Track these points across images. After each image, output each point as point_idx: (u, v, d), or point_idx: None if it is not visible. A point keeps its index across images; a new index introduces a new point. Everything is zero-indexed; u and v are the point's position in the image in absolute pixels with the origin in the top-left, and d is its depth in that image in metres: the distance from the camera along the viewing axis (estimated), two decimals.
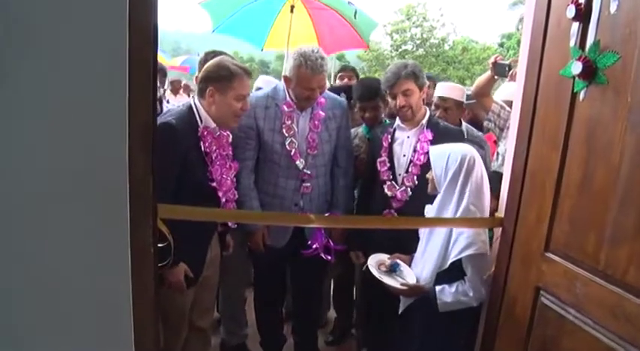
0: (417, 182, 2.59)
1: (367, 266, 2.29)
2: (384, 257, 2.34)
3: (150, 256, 1.43)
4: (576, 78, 1.56)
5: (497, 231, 2.00)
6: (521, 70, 1.90)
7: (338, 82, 4.03)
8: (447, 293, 2.02)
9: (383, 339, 2.89)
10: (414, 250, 2.34)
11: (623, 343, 1.40)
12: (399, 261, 2.30)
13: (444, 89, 3.24)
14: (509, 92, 3.26)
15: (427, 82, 2.78)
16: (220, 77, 2.26)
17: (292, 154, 2.62)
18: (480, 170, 2.04)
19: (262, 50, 4.96)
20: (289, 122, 2.62)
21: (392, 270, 2.27)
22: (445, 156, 2.08)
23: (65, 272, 1.32)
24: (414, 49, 26.34)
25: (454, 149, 2.10)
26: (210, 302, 2.68)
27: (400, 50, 26.11)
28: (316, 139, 2.67)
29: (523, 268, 1.81)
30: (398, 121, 2.74)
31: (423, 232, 2.24)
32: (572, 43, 1.59)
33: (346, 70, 4.13)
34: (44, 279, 1.30)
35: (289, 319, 3.22)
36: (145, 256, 1.41)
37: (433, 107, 3.22)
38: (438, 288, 2.05)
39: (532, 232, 1.76)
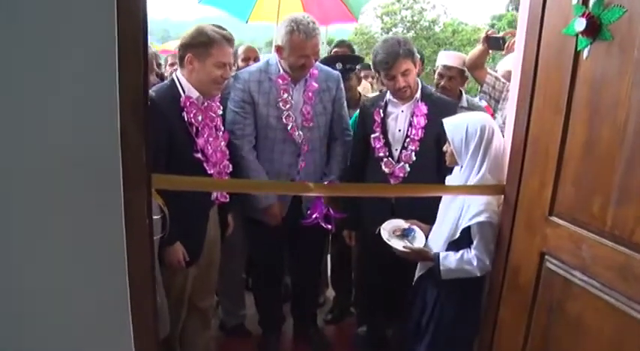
0: (414, 158, 2.53)
1: (379, 229, 2.26)
2: (401, 222, 2.31)
3: (145, 227, 1.39)
4: (580, 36, 1.52)
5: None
6: (520, 31, 1.85)
7: None
8: (451, 260, 2.01)
9: (382, 316, 2.89)
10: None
11: (632, 303, 1.37)
12: (414, 227, 2.28)
13: (449, 58, 3.17)
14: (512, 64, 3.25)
15: (419, 55, 2.68)
16: (199, 43, 2.19)
17: (289, 128, 2.56)
18: (498, 139, 2.01)
19: (247, 22, 4.84)
20: (285, 95, 2.55)
21: (405, 235, 2.26)
22: (463, 127, 2.03)
23: (57, 246, 1.27)
24: (405, 31, 26.14)
25: (471, 120, 2.06)
26: (212, 283, 2.65)
27: (391, 33, 25.94)
28: (310, 112, 2.61)
29: (527, 233, 1.78)
30: (389, 94, 2.65)
31: (443, 202, 2.20)
32: (574, 0, 1.55)
33: (342, 45, 4.08)
34: (35, 255, 1.26)
35: (288, 299, 3.20)
36: (140, 228, 1.37)
37: (437, 76, 3.16)
38: (442, 254, 2.03)
39: (535, 197, 1.73)
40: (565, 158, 1.61)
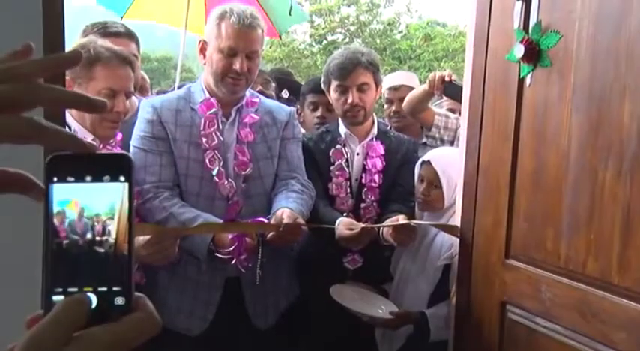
0: (379, 210, 2.75)
1: (339, 302, 2.44)
2: (351, 286, 2.58)
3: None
4: (522, 62, 2.03)
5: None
6: (468, 58, 2.36)
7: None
8: (439, 316, 2.35)
9: None
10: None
11: (593, 343, 1.81)
12: (364, 289, 2.58)
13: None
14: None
15: (382, 80, 2.91)
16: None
17: (215, 174, 2.43)
18: None
19: (122, 19, 5.12)
20: (210, 129, 2.44)
21: (364, 298, 2.53)
22: (453, 165, 2.41)
23: None
24: (347, 39, 23.37)
25: (457, 156, 2.42)
26: None
27: (325, 42, 23.33)
28: (246, 154, 2.49)
29: (485, 282, 2.22)
30: (343, 128, 2.83)
31: (406, 255, 2.60)
32: (515, 24, 2.05)
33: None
34: None
35: None
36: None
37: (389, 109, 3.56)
38: (429, 311, 2.37)
39: (490, 238, 2.19)
40: (516, 190, 2.09)
